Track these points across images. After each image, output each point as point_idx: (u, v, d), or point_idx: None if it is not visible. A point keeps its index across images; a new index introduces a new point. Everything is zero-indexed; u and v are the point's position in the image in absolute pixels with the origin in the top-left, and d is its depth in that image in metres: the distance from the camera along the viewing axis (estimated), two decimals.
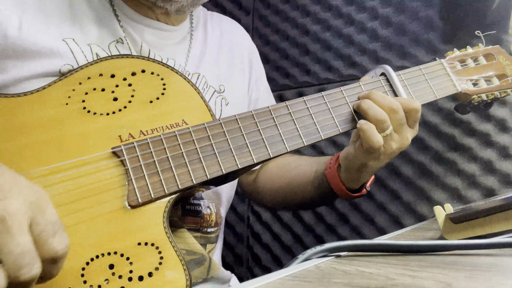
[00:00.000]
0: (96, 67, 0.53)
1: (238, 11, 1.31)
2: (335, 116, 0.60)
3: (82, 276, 0.42)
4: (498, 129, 0.87)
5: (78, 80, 0.51)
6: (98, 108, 0.50)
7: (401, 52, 1.01)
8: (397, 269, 0.34)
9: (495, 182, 0.86)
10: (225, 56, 0.80)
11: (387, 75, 0.65)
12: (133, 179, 0.47)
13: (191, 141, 0.51)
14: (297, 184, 0.76)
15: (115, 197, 0.46)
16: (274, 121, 0.56)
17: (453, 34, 0.95)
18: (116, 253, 0.44)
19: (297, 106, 0.58)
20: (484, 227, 0.48)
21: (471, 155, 0.90)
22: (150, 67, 0.55)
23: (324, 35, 1.13)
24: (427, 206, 0.93)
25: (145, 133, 0.50)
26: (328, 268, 0.37)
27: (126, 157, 0.48)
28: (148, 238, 0.45)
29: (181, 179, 0.49)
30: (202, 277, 0.63)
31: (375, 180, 1.01)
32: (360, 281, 0.31)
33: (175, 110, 0.53)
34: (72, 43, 0.60)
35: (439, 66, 0.70)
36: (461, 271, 0.32)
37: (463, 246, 0.40)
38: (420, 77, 0.67)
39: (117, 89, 0.52)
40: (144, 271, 0.44)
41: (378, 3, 1.05)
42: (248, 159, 0.53)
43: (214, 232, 0.69)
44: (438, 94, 0.67)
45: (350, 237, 1.03)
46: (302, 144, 0.56)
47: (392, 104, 0.59)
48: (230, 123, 0.53)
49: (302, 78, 1.16)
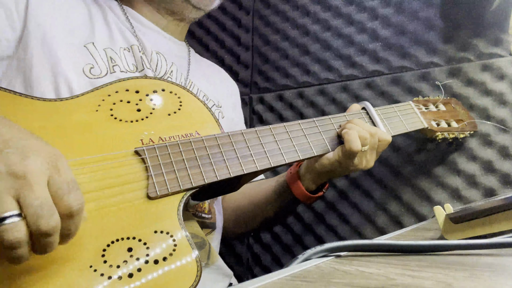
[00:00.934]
0: (123, 83, 0.61)
1: (238, 11, 1.31)
2: (325, 137, 0.70)
3: (103, 256, 0.46)
4: (498, 129, 0.87)
5: (108, 93, 0.59)
6: (124, 116, 0.58)
7: (401, 52, 1.01)
8: (397, 269, 0.34)
9: (495, 182, 0.86)
10: (218, 86, 0.92)
11: (367, 109, 0.77)
12: (152, 175, 0.53)
13: (203, 147, 0.58)
14: (258, 197, 0.83)
15: (136, 189, 0.52)
16: (274, 138, 0.65)
17: (453, 34, 0.95)
18: (134, 238, 0.48)
19: (294, 127, 0.68)
20: (484, 227, 0.48)
21: (471, 155, 0.90)
22: (169, 87, 0.64)
23: (324, 35, 1.13)
24: (427, 206, 0.93)
25: (163, 139, 0.58)
26: (328, 268, 0.37)
27: (147, 155, 0.54)
28: (164, 227, 0.50)
29: (195, 178, 0.55)
30: (203, 261, 0.67)
31: (375, 180, 1.01)
32: (360, 281, 0.31)
33: (189, 123, 0.61)
34: (92, 46, 0.69)
35: (408, 106, 0.84)
36: (461, 271, 0.32)
37: (463, 246, 0.40)
38: (394, 113, 0.80)
39: (140, 102, 0.60)
40: (159, 256, 0.48)
41: (378, 3, 1.05)
42: (252, 166, 0.60)
43: (209, 219, 0.74)
44: (408, 127, 0.80)
45: (350, 237, 1.03)
46: (298, 157, 0.65)
47: (370, 129, 0.69)
48: (237, 136, 0.62)
49: (302, 78, 1.16)
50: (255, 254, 1.21)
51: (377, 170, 1.01)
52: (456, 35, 0.94)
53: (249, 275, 1.21)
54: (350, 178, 1.05)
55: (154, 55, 0.76)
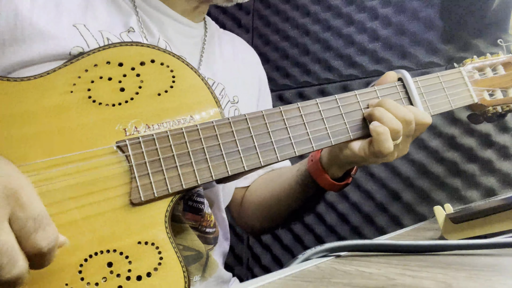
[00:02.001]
0: (104, 53, 0.50)
1: (238, 11, 1.31)
2: (347, 122, 0.58)
3: (80, 272, 0.42)
4: (498, 129, 0.87)
5: (85, 67, 0.49)
6: (104, 98, 0.48)
7: (401, 52, 1.01)
8: (397, 269, 0.34)
9: (495, 182, 0.86)
10: (238, 72, 0.80)
11: (404, 81, 0.63)
12: (136, 177, 0.46)
13: (198, 139, 0.50)
14: (281, 190, 0.75)
15: (117, 195, 0.45)
16: (284, 123, 0.54)
17: (453, 34, 0.95)
18: (115, 251, 0.43)
19: (310, 109, 0.56)
20: (484, 227, 0.48)
21: (471, 155, 0.90)
22: (160, 58, 0.52)
23: (324, 35, 1.13)
24: (427, 206, 0.93)
25: (150, 127, 0.49)
26: (328, 268, 0.37)
27: (131, 153, 0.46)
28: (148, 237, 0.45)
29: (186, 178, 0.48)
30: (198, 274, 0.63)
31: (375, 180, 1.01)
32: (360, 281, 0.31)
33: (183, 105, 0.51)
34: (83, 28, 0.59)
35: (457, 74, 0.68)
36: (461, 271, 0.32)
37: (463, 246, 0.40)
38: (437, 85, 0.65)
39: (124, 79, 0.50)
40: (142, 270, 0.43)
41: (378, 3, 1.05)
42: (255, 161, 0.52)
43: (212, 233, 0.69)
44: (453, 104, 0.65)
45: (350, 237, 1.03)
46: (312, 149, 0.55)
47: (406, 115, 0.57)
48: (240, 123, 0.52)
49: (302, 78, 1.16)
50: (255, 254, 1.21)
51: (377, 170, 1.01)
52: (456, 35, 0.94)
53: (249, 275, 1.21)
54: None
55: (161, 42, 0.66)
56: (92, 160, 0.46)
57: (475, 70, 0.69)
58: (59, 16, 0.58)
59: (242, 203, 0.83)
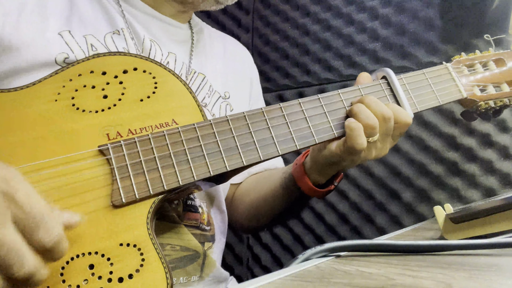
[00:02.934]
0: (88, 64, 0.52)
1: (238, 11, 1.31)
2: (331, 120, 0.58)
3: (62, 275, 0.42)
4: (498, 129, 0.87)
5: (69, 77, 0.51)
6: (87, 106, 0.50)
7: (401, 52, 1.01)
8: (397, 269, 0.34)
9: (495, 182, 0.86)
10: (229, 69, 0.81)
11: (388, 78, 0.63)
12: (117, 179, 0.46)
13: (179, 141, 0.50)
14: (267, 191, 0.74)
15: (99, 196, 0.46)
16: (266, 123, 0.55)
17: (453, 34, 0.95)
18: (97, 253, 0.43)
19: (292, 108, 0.57)
20: (484, 227, 0.48)
21: (471, 155, 0.90)
22: (143, 65, 0.54)
23: (324, 35, 1.13)
24: (427, 206, 0.93)
25: (133, 132, 0.50)
26: (328, 268, 0.37)
27: (112, 155, 0.47)
28: (130, 239, 0.45)
29: (168, 180, 0.48)
30: (196, 274, 0.63)
31: (375, 180, 1.01)
32: (360, 281, 0.31)
33: (165, 110, 0.52)
34: (67, 35, 0.60)
35: (444, 70, 0.68)
36: (461, 271, 0.32)
37: (463, 246, 0.40)
38: (423, 82, 0.65)
39: (107, 86, 0.51)
40: (124, 272, 0.43)
41: (378, 3, 1.05)
42: (237, 161, 0.52)
43: (209, 231, 0.69)
44: (441, 99, 0.65)
45: (350, 237, 1.03)
46: (295, 147, 0.55)
47: (384, 111, 0.57)
48: (221, 124, 0.53)
49: (302, 78, 1.16)
50: (255, 254, 1.21)
51: (377, 170, 1.01)
52: (456, 35, 0.94)
53: (249, 275, 1.21)
54: (350, 178, 1.05)
55: (147, 42, 0.66)
56: (75, 163, 0.46)
57: (463, 67, 0.69)
58: (45, 23, 0.59)
59: (232, 199, 0.84)
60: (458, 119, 0.92)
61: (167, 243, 0.59)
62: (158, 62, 0.55)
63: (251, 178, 0.82)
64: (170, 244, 0.59)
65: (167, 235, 0.59)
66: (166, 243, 0.59)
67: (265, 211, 0.76)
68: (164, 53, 0.68)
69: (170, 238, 0.59)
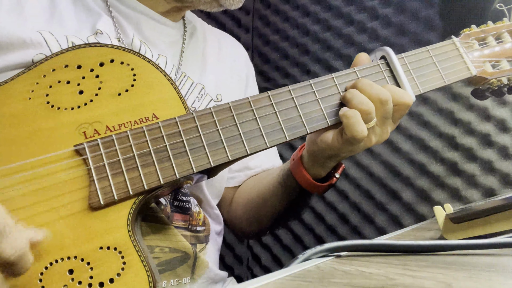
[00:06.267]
0: (62, 57, 0.49)
1: (238, 11, 1.31)
2: (324, 107, 0.54)
3: (40, 281, 0.41)
4: (498, 129, 0.87)
5: (43, 73, 0.48)
6: (62, 103, 0.47)
7: (401, 52, 1.01)
8: (397, 269, 0.34)
9: (495, 182, 0.86)
10: (223, 69, 0.78)
11: (388, 58, 0.58)
12: (95, 180, 0.44)
13: (160, 137, 0.47)
14: (266, 190, 0.72)
15: (76, 199, 0.44)
16: (254, 114, 0.51)
17: (453, 34, 0.95)
18: (76, 257, 0.42)
19: (281, 96, 0.53)
20: (484, 227, 0.48)
21: (471, 155, 0.90)
22: (120, 57, 0.50)
23: (324, 35, 1.13)
24: (427, 206, 0.93)
25: (111, 128, 0.47)
26: (328, 268, 0.37)
27: (89, 155, 0.45)
28: (110, 242, 0.43)
29: (148, 179, 0.46)
30: (186, 276, 0.62)
31: (375, 180, 1.01)
32: (360, 281, 0.31)
33: (145, 103, 0.49)
34: (47, 34, 0.58)
35: (451, 46, 0.62)
36: (461, 271, 0.32)
37: (463, 246, 0.40)
38: (427, 60, 0.60)
39: (83, 81, 0.48)
40: (105, 276, 0.42)
41: (378, 3, 1.05)
42: (222, 156, 0.49)
43: (202, 232, 0.68)
44: (447, 79, 0.59)
45: (350, 237, 1.03)
46: (285, 139, 0.52)
47: (380, 94, 0.53)
48: (204, 117, 0.49)
49: (302, 78, 1.16)
50: (255, 254, 1.21)
51: (377, 170, 1.01)
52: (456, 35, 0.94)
53: (249, 275, 1.22)
54: (350, 178, 1.05)
55: (136, 42, 0.64)
56: (50, 165, 0.45)
57: (474, 41, 0.63)
58: (23, 23, 0.57)
59: (231, 204, 0.81)
60: (458, 119, 0.92)
61: (156, 245, 0.57)
62: (136, 52, 0.51)
63: (249, 180, 0.81)
64: (159, 246, 0.58)
65: (155, 237, 0.58)
66: (154, 245, 0.57)
67: (265, 212, 0.74)
68: (154, 55, 0.66)
69: (159, 240, 0.58)
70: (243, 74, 0.84)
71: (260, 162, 0.80)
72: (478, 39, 0.64)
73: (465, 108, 0.91)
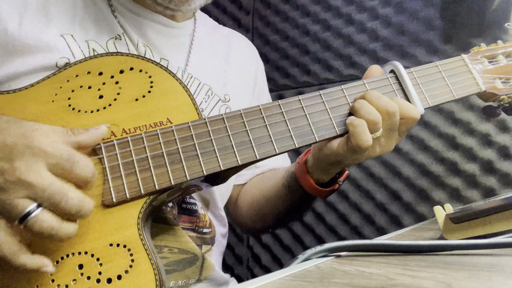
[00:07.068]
0: (85, 65, 0.52)
1: (238, 11, 1.31)
2: (333, 117, 0.56)
3: (51, 275, 0.42)
4: (498, 129, 0.87)
5: (66, 78, 0.51)
6: (82, 106, 0.50)
7: (401, 52, 1.01)
8: (397, 269, 0.34)
9: (495, 182, 0.86)
10: (232, 69, 0.78)
11: (396, 72, 0.59)
12: (109, 178, 0.46)
13: (173, 140, 0.50)
14: (271, 191, 0.73)
15: (91, 196, 0.45)
16: (264, 121, 0.53)
17: (453, 34, 0.95)
18: (86, 253, 0.44)
19: (291, 105, 0.55)
20: (484, 227, 0.48)
21: (471, 155, 0.90)
22: (139, 65, 0.54)
23: (324, 35, 1.13)
24: (427, 206, 0.93)
25: (127, 131, 0.50)
26: (328, 268, 0.37)
27: (105, 155, 0.47)
28: (120, 239, 0.45)
29: (159, 179, 0.47)
30: (194, 277, 0.62)
31: (375, 180, 1.01)
32: (360, 281, 0.31)
33: (160, 109, 0.52)
34: (70, 38, 0.60)
35: (460, 62, 0.63)
36: (461, 271, 0.32)
37: (463, 246, 0.40)
38: (436, 74, 0.61)
39: (103, 86, 0.52)
40: (113, 273, 0.43)
41: (378, 3, 1.05)
42: (232, 160, 0.50)
43: (209, 233, 0.68)
44: (456, 93, 0.60)
45: (350, 237, 1.03)
46: (294, 145, 0.53)
47: (388, 106, 0.54)
48: (216, 123, 0.52)
49: (302, 78, 1.16)
50: (255, 254, 1.21)
51: (377, 170, 1.01)
52: (456, 35, 0.94)
53: (249, 275, 1.22)
54: (350, 178, 1.05)
55: (140, 47, 0.66)
56: None
57: (483, 58, 0.65)
58: (47, 28, 0.59)
59: (237, 200, 0.82)
60: (458, 119, 0.92)
61: (165, 245, 0.58)
62: (155, 61, 0.54)
63: (255, 178, 0.81)
64: (167, 246, 0.58)
65: (164, 237, 0.59)
66: (163, 245, 0.58)
67: (268, 211, 0.75)
68: (156, 59, 0.67)
69: (168, 241, 0.59)
70: (252, 73, 0.84)
71: (268, 161, 0.81)
72: (488, 57, 0.65)
73: (465, 108, 0.91)
